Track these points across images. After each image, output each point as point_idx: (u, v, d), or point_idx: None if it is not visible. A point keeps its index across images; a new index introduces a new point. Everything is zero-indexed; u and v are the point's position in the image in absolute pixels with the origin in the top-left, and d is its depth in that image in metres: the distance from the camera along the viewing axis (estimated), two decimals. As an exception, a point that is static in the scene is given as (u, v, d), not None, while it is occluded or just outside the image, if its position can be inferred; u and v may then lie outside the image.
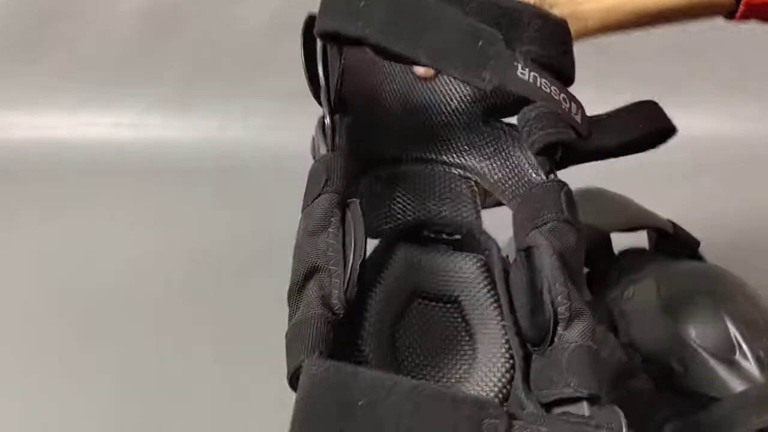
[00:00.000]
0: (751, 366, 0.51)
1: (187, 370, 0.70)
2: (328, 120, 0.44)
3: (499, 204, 0.48)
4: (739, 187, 0.98)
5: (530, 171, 0.46)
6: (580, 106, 0.44)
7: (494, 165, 0.48)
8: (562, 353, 0.36)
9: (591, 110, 0.45)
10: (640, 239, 0.69)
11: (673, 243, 0.65)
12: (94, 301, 0.80)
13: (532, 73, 0.41)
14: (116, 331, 0.75)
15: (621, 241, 0.69)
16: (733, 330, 0.52)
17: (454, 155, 0.49)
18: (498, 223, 0.46)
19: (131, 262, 0.88)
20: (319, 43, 0.45)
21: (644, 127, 0.49)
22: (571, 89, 0.43)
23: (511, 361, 0.40)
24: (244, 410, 0.65)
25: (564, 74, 0.44)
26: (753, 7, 0.51)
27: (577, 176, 0.47)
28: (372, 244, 0.43)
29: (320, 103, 0.45)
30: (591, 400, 0.35)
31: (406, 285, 0.43)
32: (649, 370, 0.54)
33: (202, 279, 0.60)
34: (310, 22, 0.44)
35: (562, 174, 0.44)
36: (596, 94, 0.53)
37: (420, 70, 0.49)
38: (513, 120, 0.46)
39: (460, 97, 0.50)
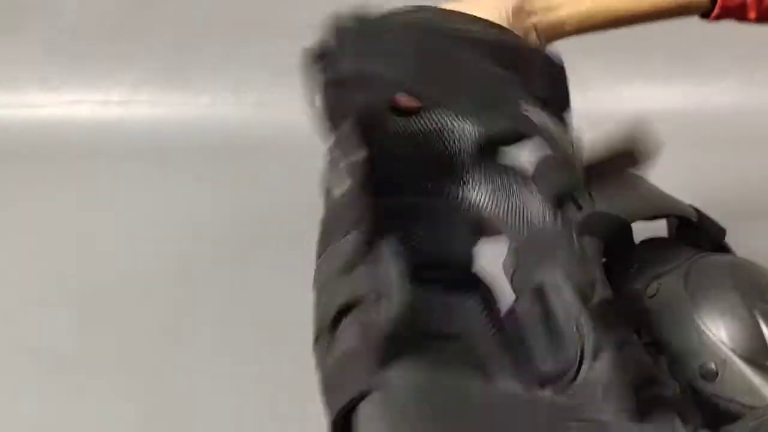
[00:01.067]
0: (786, 371, 0.47)
1: (184, 350, 0.68)
2: (357, 158, 0.44)
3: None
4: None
5: (534, 209, 0.47)
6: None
7: (497, 198, 0.49)
8: (595, 386, 0.37)
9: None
10: (658, 226, 0.65)
11: (697, 232, 0.61)
12: (84, 281, 0.78)
13: (542, 116, 0.44)
14: (109, 310, 0.74)
15: (638, 227, 0.65)
16: (766, 332, 0.48)
17: (455, 187, 0.49)
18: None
19: (122, 242, 0.86)
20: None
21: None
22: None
23: None
24: (244, 396, 0.63)
25: (565, 106, 0.48)
26: (727, 9, 0.55)
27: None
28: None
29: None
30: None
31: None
32: (676, 373, 0.50)
33: (195, 256, 0.59)
34: (318, 57, 0.46)
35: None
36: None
37: (403, 101, 0.48)
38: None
39: (462, 129, 0.49)
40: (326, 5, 0.49)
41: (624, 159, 0.49)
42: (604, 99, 1.07)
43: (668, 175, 0.60)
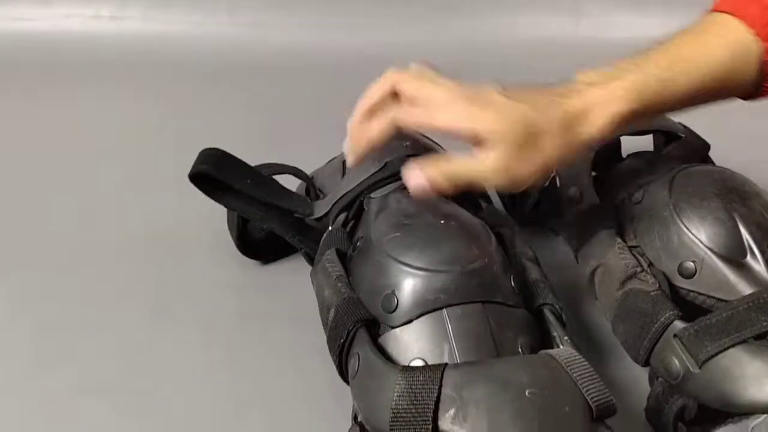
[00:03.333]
0: (761, 269, 0.50)
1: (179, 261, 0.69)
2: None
3: None
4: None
5: None
6: None
7: None
8: None
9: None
10: (647, 142, 0.68)
11: (683, 146, 0.64)
12: (75, 193, 0.78)
13: None
14: (104, 223, 0.73)
15: (626, 141, 0.67)
16: (744, 233, 0.51)
17: None
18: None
19: (111, 156, 0.86)
20: None
21: None
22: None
23: None
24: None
25: None
26: None
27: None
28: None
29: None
30: None
31: None
32: (656, 273, 0.53)
33: (186, 173, 0.58)
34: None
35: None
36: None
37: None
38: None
39: None
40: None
41: None
42: (598, 27, 1.09)
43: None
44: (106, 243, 0.70)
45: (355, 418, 0.46)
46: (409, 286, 0.45)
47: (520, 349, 0.44)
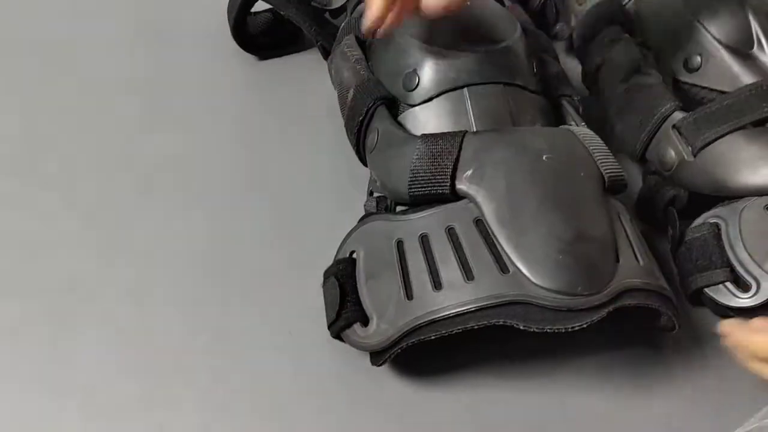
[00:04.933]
0: (767, 59, 0.49)
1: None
2: None
3: None
4: None
5: None
6: None
7: None
8: None
9: None
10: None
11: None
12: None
13: None
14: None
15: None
16: (754, 24, 0.50)
17: None
18: None
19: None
20: None
21: None
22: None
23: None
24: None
25: None
26: None
27: None
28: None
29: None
30: None
31: None
32: (662, 68, 0.52)
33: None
34: None
35: None
36: None
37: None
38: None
39: None
40: None
41: None
42: None
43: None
44: (100, 36, 0.67)
45: (370, 193, 0.48)
46: (431, 64, 0.45)
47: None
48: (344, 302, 0.41)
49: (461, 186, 0.41)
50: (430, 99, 0.45)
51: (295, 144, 0.57)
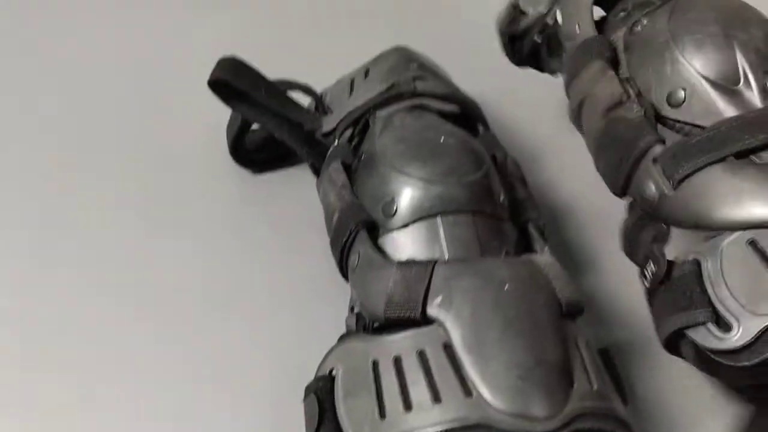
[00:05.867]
0: (753, 96, 0.47)
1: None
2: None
3: None
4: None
5: None
6: None
7: None
8: None
9: None
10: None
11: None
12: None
13: None
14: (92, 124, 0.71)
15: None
16: (741, 59, 0.48)
17: None
18: None
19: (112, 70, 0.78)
20: None
21: None
22: None
23: None
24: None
25: None
26: None
27: None
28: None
29: None
30: None
31: None
32: (643, 102, 0.51)
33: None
34: None
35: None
36: None
37: None
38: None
39: None
40: None
41: None
42: None
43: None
44: (97, 149, 0.69)
45: (351, 309, 0.51)
46: (408, 193, 0.50)
47: (503, 256, 0.49)
48: (322, 419, 0.44)
49: (431, 311, 0.44)
50: (406, 225, 0.49)
51: (284, 256, 0.61)
